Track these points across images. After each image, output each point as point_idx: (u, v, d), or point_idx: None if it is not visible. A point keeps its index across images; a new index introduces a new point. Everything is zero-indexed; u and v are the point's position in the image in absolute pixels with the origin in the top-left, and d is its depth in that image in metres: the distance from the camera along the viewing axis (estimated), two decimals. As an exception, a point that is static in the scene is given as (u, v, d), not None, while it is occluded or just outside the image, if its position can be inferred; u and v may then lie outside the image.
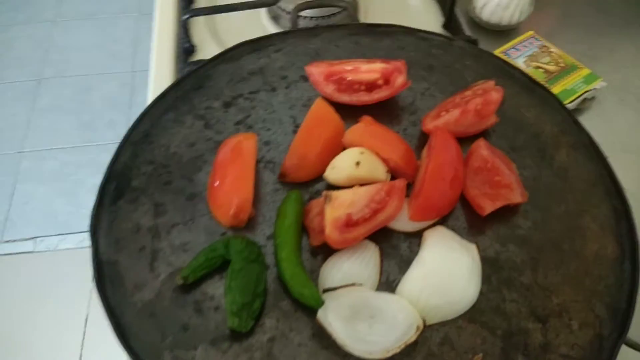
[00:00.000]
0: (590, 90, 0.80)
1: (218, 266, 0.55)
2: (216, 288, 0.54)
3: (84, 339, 1.59)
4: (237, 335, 0.51)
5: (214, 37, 0.90)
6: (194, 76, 0.71)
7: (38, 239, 1.86)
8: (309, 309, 0.52)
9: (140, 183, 0.61)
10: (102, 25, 2.50)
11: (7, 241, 1.85)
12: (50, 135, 2.11)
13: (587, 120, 0.70)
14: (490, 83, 0.66)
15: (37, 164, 2.03)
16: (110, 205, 0.59)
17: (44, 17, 2.53)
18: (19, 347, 1.55)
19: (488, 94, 0.64)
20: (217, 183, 0.59)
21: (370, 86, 0.67)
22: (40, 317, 1.63)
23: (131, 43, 2.43)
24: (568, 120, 0.68)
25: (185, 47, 0.85)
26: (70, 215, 1.88)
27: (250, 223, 0.59)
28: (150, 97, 0.78)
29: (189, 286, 0.53)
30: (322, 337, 0.51)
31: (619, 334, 0.53)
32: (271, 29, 0.93)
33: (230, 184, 0.59)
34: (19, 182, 1.99)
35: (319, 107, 0.63)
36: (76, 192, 1.94)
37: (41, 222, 1.89)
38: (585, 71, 0.82)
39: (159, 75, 0.80)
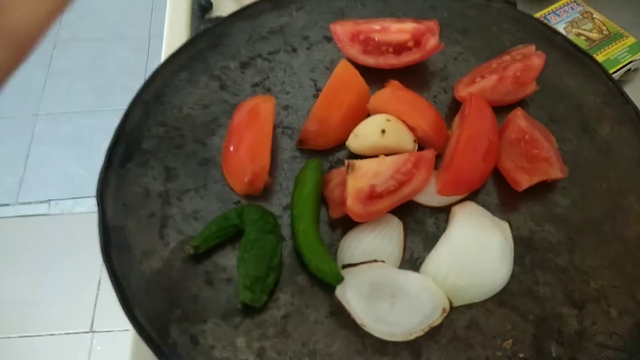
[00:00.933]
0: (636, 60, 0.74)
1: (231, 236, 0.51)
2: (228, 259, 0.50)
3: (96, 302, 1.59)
4: (249, 310, 0.48)
5: (232, -6, 0.85)
6: (210, 34, 0.66)
7: (52, 202, 1.85)
8: (327, 285, 0.49)
9: (151, 145, 0.57)
10: (118, -14, 2.45)
11: (22, 203, 1.85)
12: (66, 99, 2.08)
13: (630, 93, 0.64)
14: (531, 48, 0.61)
15: (52, 127, 2.02)
16: (119, 168, 0.55)
17: (60, -23, 2.48)
18: (32, 309, 1.56)
19: (529, 60, 0.59)
20: (232, 148, 0.55)
21: (400, 48, 0.62)
22: (54, 280, 1.63)
23: (148, 7, 2.38)
24: (613, 91, 0.62)
25: (201, 4, 0.80)
26: (84, 178, 1.87)
27: (266, 192, 0.55)
28: (164, 56, 0.73)
29: (200, 256, 0.50)
30: (340, 315, 0.48)
31: (662, 323, 0.49)
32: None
33: (246, 149, 0.55)
34: (33, 144, 1.98)
35: (343, 70, 0.59)
36: (91, 155, 1.92)
37: (56, 185, 1.88)
38: (630, 40, 0.75)
39: (174, 32, 0.76)
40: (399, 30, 0.62)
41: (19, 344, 1.51)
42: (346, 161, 0.51)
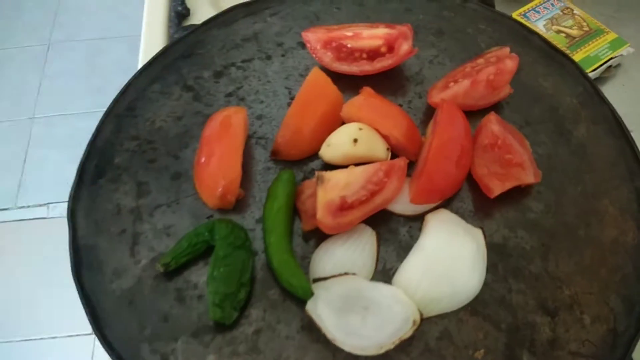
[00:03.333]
0: (616, 56, 0.73)
1: (202, 252, 0.51)
2: (200, 275, 0.50)
3: (95, 305, 1.60)
4: (220, 327, 0.48)
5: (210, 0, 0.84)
6: (183, 43, 0.66)
7: (51, 205, 1.86)
8: (299, 299, 0.49)
9: (123, 160, 0.57)
10: (110, -14, 2.43)
11: (21, 207, 1.86)
12: (61, 101, 2.08)
13: (610, 90, 0.64)
14: (505, 50, 0.60)
15: (49, 130, 2.02)
16: (90, 185, 0.55)
17: (52, -21, 2.47)
18: (34, 312, 1.57)
19: (502, 63, 0.58)
20: (203, 161, 0.55)
21: (373, 54, 0.62)
22: (55, 282, 1.64)
23: (141, 5, 2.37)
24: (589, 91, 0.62)
25: (177, 11, 0.79)
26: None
27: (239, 205, 0.55)
28: (140, 65, 0.73)
29: (171, 273, 0.50)
30: (312, 329, 0.48)
31: (636, 329, 0.48)
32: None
33: (217, 162, 0.54)
34: (31, 147, 1.98)
35: (316, 78, 0.58)
36: (87, 158, 1.92)
37: (54, 188, 1.88)
38: (612, 36, 0.74)
39: (150, 41, 0.75)
40: (372, 36, 0.61)
41: (21, 347, 1.52)
42: (316, 173, 0.51)
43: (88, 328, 1.62)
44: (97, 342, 1.60)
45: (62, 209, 1.84)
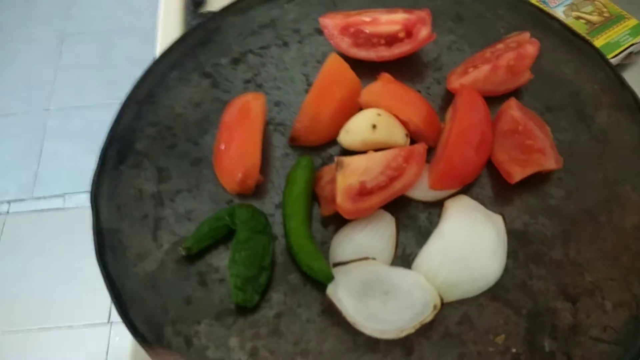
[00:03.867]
0: (637, 43, 0.72)
1: (223, 236, 0.51)
2: (221, 259, 0.51)
3: (111, 294, 1.62)
4: (242, 310, 0.48)
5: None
6: (201, 30, 0.66)
7: (67, 196, 1.88)
8: (319, 283, 0.49)
9: (144, 146, 0.57)
10: (122, -22, 2.44)
11: (37, 198, 1.88)
12: (76, 93, 2.10)
13: (631, 77, 0.62)
14: (525, 35, 0.59)
15: (64, 122, 2.04)
16: (112, 170, 0.56)
17: (64, -29, 2.48)
18: (51, 302, 1.59)
19: (522, 48, 0.57)
20: (222, 147, 0.55)
21: (391, 39, 0.61)
22: (71, 272, 1.66)
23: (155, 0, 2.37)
24: (610, 77, 0.61)
25: (194, -1, 0.80)
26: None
27: (258, 190, 0.55)
28: (158, 53, 0.73)
29: (193, 257, 0.51)
30: (332, 313, 0.48)
31: (659, 315, 0.48)
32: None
33: (237, 148, 0.55)
34: (46, 139, 2.00)
35: (333, 64, 0.58)
36: (102, 149, 1.94)
37: (70, 179, 1.90)
38: (632, 22, 0.73)
39: (167, 29, 0.76)
40: (390, 21, 0.61)
41: (38, 336, 1.54)
42: (335, 158, 0.51)
43: (104, 317, 1.64)
44: (113, 332, 1.61)
45: (78, 199, 1.86)
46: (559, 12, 0.74)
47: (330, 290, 0.48)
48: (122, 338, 1.50)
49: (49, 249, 1.74)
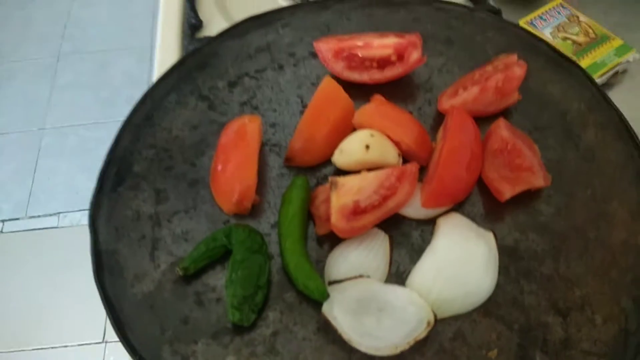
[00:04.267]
0: (623, 62, 0.74)
1: (220, 256, 0.52)
2: (218, 279, 0.52)
3: (106, 313, 1.61)
4: (239, 329, 0.49)
5: (222, 12, 0.86)
6: (198, 54, 0.68)
7: (61, 215, 1.88)
8: (315, 302, 0.50)
9: (142, 168, 0.59)
10: (119, -1, 2.47)
11: (32, 217, 1.88)
12: (71, 112, 2.11)
13: (617, 96, 0.64)
14: (513, 57, 0.61)
15: (59, 140, 2.04)
16: (110, 192, 0.57)
17: (61, -8, 2.51)
18: (45, 321, 1.58)
19: (510, 70, 0.59)
20: (219, 168, 0.57)
21: (383, 63, 0.63)
22: (66, 291, 1.65)
23: (149, 17, 2.40)
24: (597, 96, 0.63)
25: (191, 23, 0.81)
26: (91, 190, 1.89)
27: (255, 210, 0.56)
28: (156, 76, 0.75)
29: (190, 277, 0.52)
30: (328, 331, 0.49)
31: (647, 329, 0.49)
32: (282, 1, 0.89)
33: (233, 169, 0.56)
34: (40, 158, 2.01)
35: (327, 86, 0.60)
36: (97, 167, 1.94)
37: (64, 198, 1.90)
38: (617, 42, 0.76)
39: (164, 53, 0.77)
40: (382, 45, 0.63)
41: (32, 356, 1.53)
42: (330, 178, 0.52)
43: (99, 336, 1.63)
44: (107, 350, 1.60)
45: (72, 218, 1.86)
46: (547, 34, 0.77)
47: (326, 308, 0.49)
48: (117, 358, 1.50)
49: (43, 268, 1.73)
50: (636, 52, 0.75)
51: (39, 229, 1.85)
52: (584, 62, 0.73)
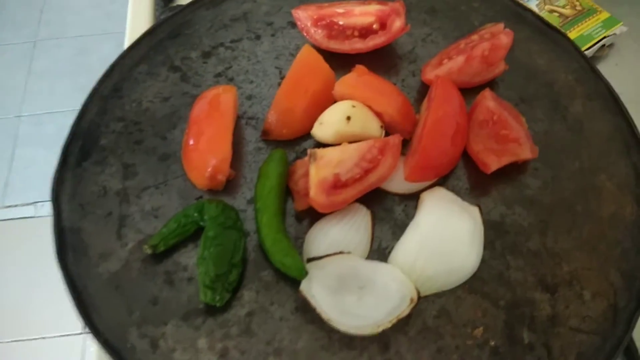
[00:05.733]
0: (609, 35, 0.72)
1: (192, 233, 0.49)
2: (190, 257, 0.49)
3: (85, 303, 1.58)
4: (211, 310, 0.46)
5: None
6: (170, 23, 0.64)
7: (39, 204, 1.83)
8: (293, 280, 0.47)
9: (109, 142, 0.55)
10: (96, -18, 2.41)
11: (8, 206, 1.83)
12: (48, 99, 2.05)
13: (605, 69, 0.62)
14: (499, 26, 0.59)
15: (36, 128, 1.99)
16: (75, 168, 0.53)
17: (36, -25, 2.44)
18: (24, 313, 1.55)
19: (496, 38, 0.57)
20: (191, 141, 0.53)
21: (365, 31, 0.60)
22: (44, 282, 1.61)
23: (128, 1, 2.34)
24: (585, 67, 0.61)
25: (164, -6, 0.78)
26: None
27: (229, 185, 0.53)
28: (125, 46, 0.71)
29: (160, 256, 0.49)
30: (306, 310, 0.46)
31: (637, 304, 0.47)
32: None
33: (206, 142, 0.53)
34: (18, 146, 1.95)
35: (306, 55, 0.57)
36: (75, 155, 1.90)
37: (42, 187, 1.85)
38: (604, 15, 0.74)
39: (136, 22, 0.73)
40: (363, 12, 0.60)
41: (11, 348, 1.49)
42: (308, 150, 0.49)
43: (78, 328, 1.59)
44: (88, 342, 1.57)
45: (50, 207, 1.81)
46: (533, 6, 0.74)
47: (304, 286, 0.46)
48: (97, 349, 1.47)
49: (20, 259, 1.69)
50: (623, 25, 0.73)
51: (16, 218, 1.81)
52: (571, 35, 0.71)
